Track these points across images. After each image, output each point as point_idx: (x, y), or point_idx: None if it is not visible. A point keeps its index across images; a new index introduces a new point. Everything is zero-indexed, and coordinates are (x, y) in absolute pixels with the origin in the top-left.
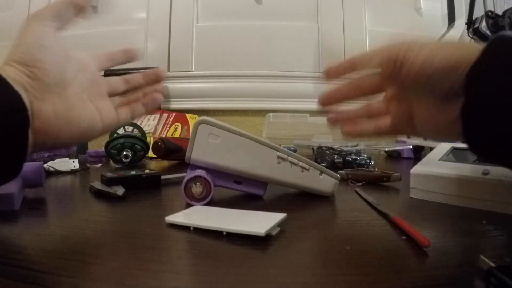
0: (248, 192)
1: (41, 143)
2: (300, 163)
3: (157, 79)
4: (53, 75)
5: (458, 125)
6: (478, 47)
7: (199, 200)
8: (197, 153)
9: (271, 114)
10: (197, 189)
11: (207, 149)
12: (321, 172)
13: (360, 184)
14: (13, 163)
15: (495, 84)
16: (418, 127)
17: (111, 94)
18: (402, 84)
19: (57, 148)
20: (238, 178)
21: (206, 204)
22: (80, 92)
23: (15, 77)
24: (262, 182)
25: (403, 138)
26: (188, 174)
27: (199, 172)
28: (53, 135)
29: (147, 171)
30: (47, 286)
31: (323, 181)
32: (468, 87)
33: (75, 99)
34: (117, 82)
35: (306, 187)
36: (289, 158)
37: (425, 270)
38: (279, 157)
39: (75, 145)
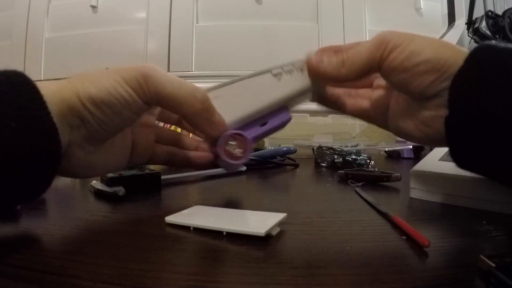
0: (278, 126)
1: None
2: (296, 65)
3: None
4: (108, 135)
5: (427, 129)
6: (464, 55)
7: (241, 158)
8: None
9: None
10: (234, 147)
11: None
12: None
13: (360, 184)
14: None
15: (477, 98)
16: (390, 121)
17: (158, 141)
18: (386, 69)
19: None
20: (261, 120)
21: (209, 202)
22: (126, 143)
23: (71, 112)
24: (282, 108)
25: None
26: (219, 140)
27: (230, 132)
28: (70, 174)
29: (147, 171)
30: (47, 286)
31: None
32: (451, 100)
33: (115, 152)
34: (166, 133)
35: (318, 85)
36: (284, 68)
37: (425, 270)
38: (275, 74)
39: None
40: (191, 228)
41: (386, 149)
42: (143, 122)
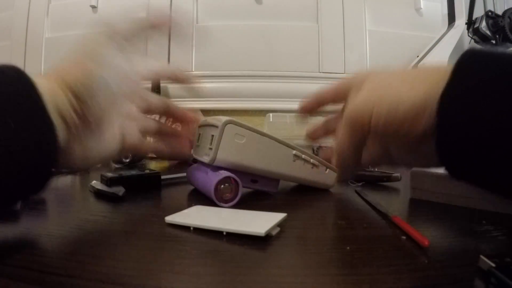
0: (261, 190)
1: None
2: (312, 160)
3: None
4: (98, 115)
5: (436, 156)
6: (444, 76)
7: (227, 201)
8: (223, 153)
9: (271, 114)
10: (226, 190)
11: (233, 150)
12: (327, 168)
13: (360, 184)
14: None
15: (466, 113)
16: (398, 160)
17: (143, 132)
18: (382, 140)
19: None
20: (255, 177)
21: (209, 202)
22: (115, 133)
23: (63, 108)
24: (275, 180)
25: None
26: (214, 176)
27: (227, 173)
28: (68, 167)
29: (147, 171)
30: (47, 286)
31: (328, 175)
32: (439, 118)
33: (106, 141)
34: (150, 124)
35: (315, 182)
36: (303, 156)
37: (425, 270)
38: (295, 155)
39: None
40: (191, 228)
41: None
42: (126, 114)
